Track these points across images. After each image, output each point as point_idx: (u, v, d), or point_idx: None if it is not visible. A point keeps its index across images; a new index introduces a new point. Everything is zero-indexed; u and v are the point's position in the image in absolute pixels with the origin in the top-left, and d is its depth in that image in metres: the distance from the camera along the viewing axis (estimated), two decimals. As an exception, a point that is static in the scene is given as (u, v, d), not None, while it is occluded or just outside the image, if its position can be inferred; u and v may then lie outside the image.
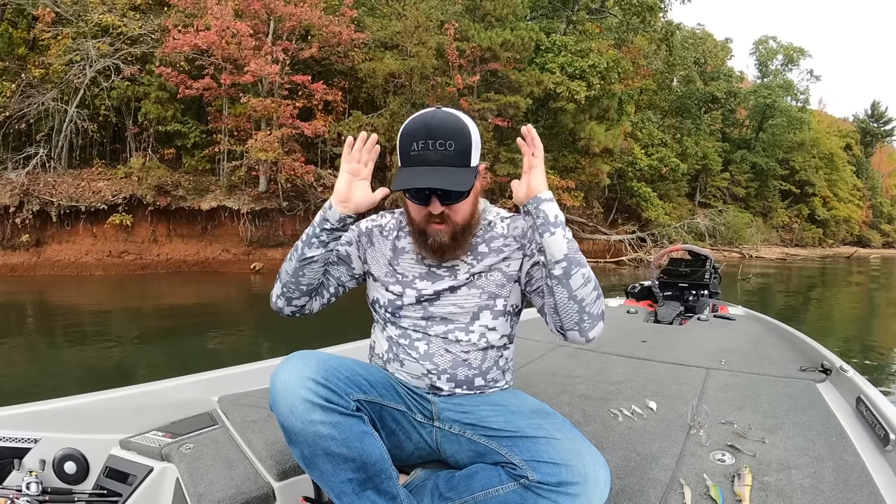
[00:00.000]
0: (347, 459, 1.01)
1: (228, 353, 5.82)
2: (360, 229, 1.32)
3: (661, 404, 1.76)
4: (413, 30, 15.44)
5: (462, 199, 1.16)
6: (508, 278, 1.23)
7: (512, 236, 1.25)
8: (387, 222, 1.33)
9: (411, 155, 1.11)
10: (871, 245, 46.30)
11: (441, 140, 1.09)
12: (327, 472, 1.03)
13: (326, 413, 1.00)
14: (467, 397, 1.21)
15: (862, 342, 7.19)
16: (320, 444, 1.00)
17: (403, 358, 1.22)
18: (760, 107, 32.56)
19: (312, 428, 0.99)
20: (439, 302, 1.22)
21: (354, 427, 1.02)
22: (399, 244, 1.28)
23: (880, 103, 57.57)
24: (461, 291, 1.22)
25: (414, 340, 1.22)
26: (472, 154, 1.13)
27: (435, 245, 1.18)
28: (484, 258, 1.23)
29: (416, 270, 1.25)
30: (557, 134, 19.33)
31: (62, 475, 1.41)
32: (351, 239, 1.31)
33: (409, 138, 1.12)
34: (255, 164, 14.11)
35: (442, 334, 1.21)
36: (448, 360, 1.21)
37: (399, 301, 1.23)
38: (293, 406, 0.99)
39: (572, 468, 0.99)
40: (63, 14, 13.50)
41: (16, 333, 6.82)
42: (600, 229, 22.26)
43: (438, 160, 1.09)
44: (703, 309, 3.65)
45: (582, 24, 20.58)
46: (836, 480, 1.24)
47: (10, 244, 12.54)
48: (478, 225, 1.25)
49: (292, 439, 1.03)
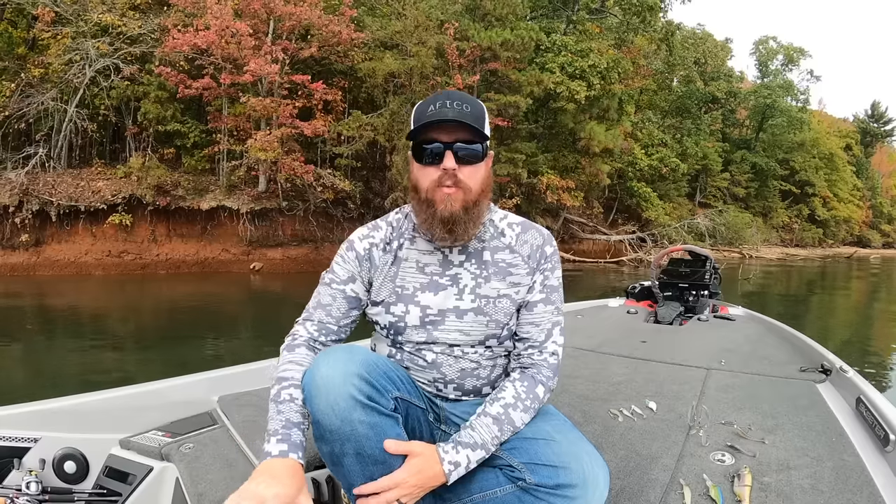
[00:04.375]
0: (378, 462, 0.99)
1: (228, 352, 5.82)
2: (358, 252, 1.21)
3: (661, 405, 1.76)
4: (413, 29, 15.43)
5: (475, 162, 1.13)
6: (517, 305, 1.19)
7: (521, 256, 1.20)
8: (383, 235, 1.22)
9: (428, 114, 1.10)
10: (872, 245, 46.28)
11: (458, 101, 1.10)
12: (353, 472, 1.00)
13: (367, 412, 0.97)
14: (472, 402, 1.20)
15: (862, 343, 7.19)
16: (355, 443, 0.97)
17: (409, 365, 1.19)
18: (760, 107, 32.56)
19: (351, 427, 0.96)
20: (444, 326, 1.16)
21: (390, 430, 1.00)
22: (401, 254, 1.20)
23: (880, 103, 57.55)
24: (467, 318, 1.16)
25: (420, 349, 1.19)
26: (485, 124, 1.14)
27: (445, 214, 1.10)
28: (490, 277, 1.18)
29: (416, 280, 1.18)
30: (557, 134, 19.33)
31: (62, 475, 1.41)
32: (352, 273, 1.20)
33: (424, 105, 1.13)
34: (254, 163, 14.10)
35: (447, 348, 1.17)
36: (456, 370, 1.18)
37: (401, 323, 1.17)
38: (335, 403, 0.95)
39: (570, 470, 0.98)
40: (63, 13, 13.49)
41: (15, 333, 6.81)
42: (600, 229, 22.27)
43: (456, 115, 1.09)
44: (703, 309, 3.65)
45: (582, 24, 20.57)
46: (835, 481, 1.24)
47: (9, 244, 12.53)
48: (487, 207, 1.19)
49: (326, 437, 0.98)
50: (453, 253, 1.19)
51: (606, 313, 3.66)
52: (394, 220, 1.25)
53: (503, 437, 1.07)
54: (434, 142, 1.11)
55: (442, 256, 1.19)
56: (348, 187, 14.86)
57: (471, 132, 1.10)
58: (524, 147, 17.31)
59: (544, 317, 1.19)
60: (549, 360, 1.18)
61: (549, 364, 1.18)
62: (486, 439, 1.05)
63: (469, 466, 1.03)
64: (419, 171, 1.14)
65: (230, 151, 14.37)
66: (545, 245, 1.21)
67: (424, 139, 1.11)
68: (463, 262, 1.18)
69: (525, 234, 1.22)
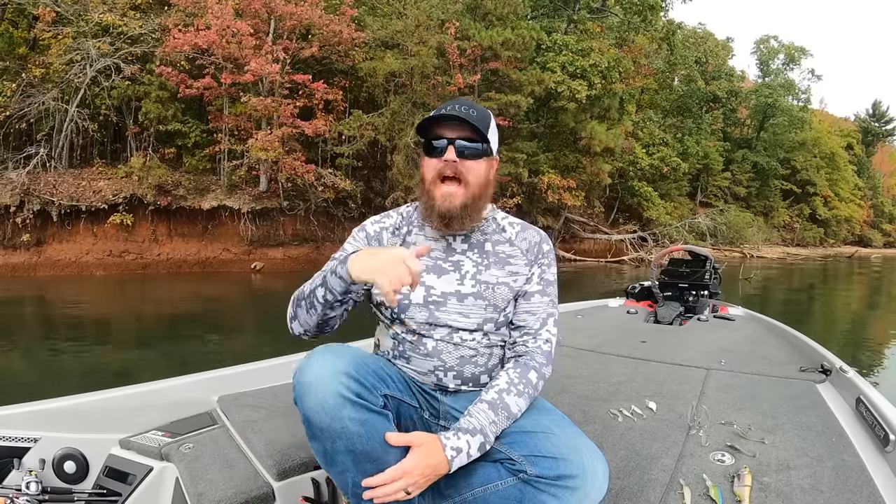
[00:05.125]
0: (371, 458, 1.01)
1: (229, 352, 5.82)
2: (369, 233, 1.30)
3: (661, 405, 1.76)
4: (414, 29, 15.43)
5: (477, 158, 1.21)
6: (515, 293, 1.26)
7: (520, 249, 1.28)
8: (393, 221, 1.33)
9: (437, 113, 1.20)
10: (873, 245, 46.23)
11: (465, 106, 1.20)
12: (348, 470, 1.02)
13: (356, 409, 0.99)
14: (471, 395, 1.22)
15: (862, 343, 7.18)
16: (346, 441, 0.99)
17: (410, 354, 1.22)
18: (762, 106, 32.53)
19: (341, 424, 0.98)
20: (445, 308, 1.21)
21: (380, 426, 1.02)
22: (409, 239, 1.29)
23: (881, 103, 57.50)
24: (468, 301, 1.21)
25: (421, 337, 1.22)
26: (490, 131, 1.22)
27: (442, 209, 1.19)
28: (490, 265, 1.25)
29: (422, 263, 1.21)
30: (558, 133, 19.32)
31: (62, 475, 1.41)
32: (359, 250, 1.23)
33: (433, 111, 1.22)
34: (255, 163, 14.11)
35: (447, 335, 1.21)
36: (455, 357, 1.21)
37: (406, 300, 1.21)
38: (324, 401, 0.97)
39: (570, 462, 1.00)
40: (63, 13, 13.49)
41: (16, 333, 6.82)
42: (601, 229, 22.28)
43: (460, 115, 1.17)
44: (703, 309, 3.65)
45: (583, 24, 20.56)
46: (835, 481, 1.24)
47: (10, 244, 12.53)
48: (485, 205, 1.27)
49: (317, 435, 1.01)
50: (457, 241, 1.27)
51: (606, 313, 3.67)
52: (404, 210, 1.36)
53: (499, 422, 1.10)
54: (440, 138, 1.20)
55: (446, 244, 1.26)
56: (349, 187, 14.87)
57: (473, 131, 1.19)
58: (525, 146, 17.31)
59: (540, 307, 1.26)
60: (543, 347, 1.23)
61: (542, 351, 1.23)
62: (484, 424, 1.08)
63: (470, 453, 1.05)
64: (425, 163, 1.24)
65: (231, 151, 14.37)
66: (542, 242, 1.30)
67: (432, 136, 1.21)
68: (465, 251, 1.26)
69: (524, 233, 1.31)
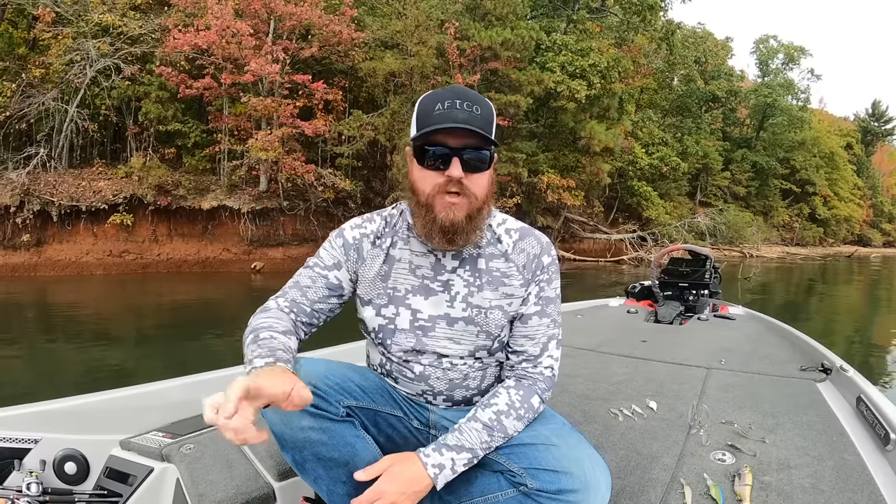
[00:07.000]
0: (340, 464, 1.03)
1: (229, 352, 5.81)
2: (347, 240, 1.16)
3: (662, 404, 1.76)
4: (413, 29, 15.42)
5: (483, 170, 1.05)
6: (510, 317, 1.14)
7: (516, 265, 1.13)
8: (376, 227, 1.17)
9: (435, 114, 1.01)
10: (872, 244, 46.23)
11: (469, 102, 1.02)
12: (321, 476, 1.04)
13: (315, 419, 1.00)
14: (464, 409, 1.18)
15: (862, 342, 7.18)
16: (311, 449, 1.01)
17: (397, 376, 1.17)
18: (761, 106, 32.53)
19: (302, 434, 1.00)
20: (434, 333, 1.11)
21: (345, 432, 1.03)
22: (393, 253, 1.15)
23: (881, 102, 57.54)
24: (458, 326, 1.11)
25: (408, 362, 1.14)
26: (493, 126, 1.06)
27: (446, 222, 1.03)
28: (483, 286, 1.12)
29: (408, 283, 1.13)
30: (558, 133, 19.31)
31: (62, 476, 1.41)
32: (338, 260, 1.16)
33: (432, 100, 1.04)
34: (255, 163, 14.10)
35: (435, 361, 1.13)
36: (444, 382, 1.14)
37: (391, 326, 1.13)
38: (282, 413, 0.94)
39: (572, 475, 0.97)
40: (63, 14, 13.48)
41: (16, 334, 6.82)
42: (601, 228, 22.27)
43: (466, 119, 1.00)
44: (703, 309, 3.66)
45: (582, 23, 20.54)
46: (836, 480, 1.24)
47: (10, 244, 12.51)
48: (489, 214, 1.12)
49: (284, 445, 1.04)
50: (447, 257, 1.12)
51: (606, 313, 3.67)
52: (388, 215, 1.19)
53: (493, 444, 1.04)
54: (439, 145, 1.02)
55: (435, 260, 1.13)
56: (349, 187, 14.86)
57: (479, 138, 1.02)
58: (525, 146, 17.30)
59: (539, 330, 1.14)
60: (545, 373, 1.14)
61: (544, 377, 1.13)
62: (475, 444, 1.03)
63: (455, 469, 1.01)
64: (420, 173, 1.05)
65: (231, 151, 14.35)
66: (542, 255, 1.14)
67: (428, 140, 1.03)
68: (456, 269, 1.12)
69: (522, 242, 1.15)
